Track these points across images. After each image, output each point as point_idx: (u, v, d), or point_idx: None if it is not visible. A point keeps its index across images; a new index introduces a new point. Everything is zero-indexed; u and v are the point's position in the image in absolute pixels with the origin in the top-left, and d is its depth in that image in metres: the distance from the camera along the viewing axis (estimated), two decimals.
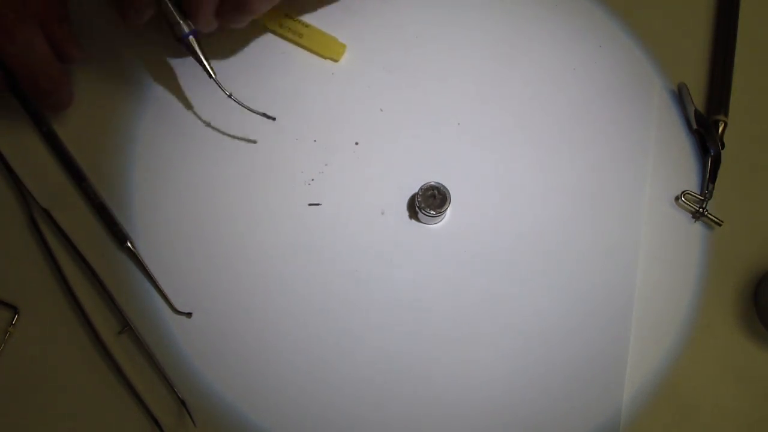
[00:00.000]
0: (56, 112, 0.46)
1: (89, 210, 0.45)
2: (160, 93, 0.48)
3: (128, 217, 0.45)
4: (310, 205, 0.45)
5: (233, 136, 0.47)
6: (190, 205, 0.45)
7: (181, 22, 0.42)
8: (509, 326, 0.43)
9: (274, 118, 0.45)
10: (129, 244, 0.44)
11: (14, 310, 0.43)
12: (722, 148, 0.46)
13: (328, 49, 0.48)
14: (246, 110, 0.44)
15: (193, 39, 0.43)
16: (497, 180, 0.46)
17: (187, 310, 0.43)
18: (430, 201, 0.44)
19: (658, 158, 0.47)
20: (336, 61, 0.49)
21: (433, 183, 0.44)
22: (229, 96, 0.44)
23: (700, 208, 0.45)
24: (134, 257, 0.44)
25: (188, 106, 0.47)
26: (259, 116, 0.44)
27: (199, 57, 0.43)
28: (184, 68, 0.48)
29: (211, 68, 0.43)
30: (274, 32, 0.49)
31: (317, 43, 0.48)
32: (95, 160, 0.46)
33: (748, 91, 0.49)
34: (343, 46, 0.49)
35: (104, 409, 0.42)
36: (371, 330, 0.43)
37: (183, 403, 0.41)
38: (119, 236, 0.44)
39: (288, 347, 0.43)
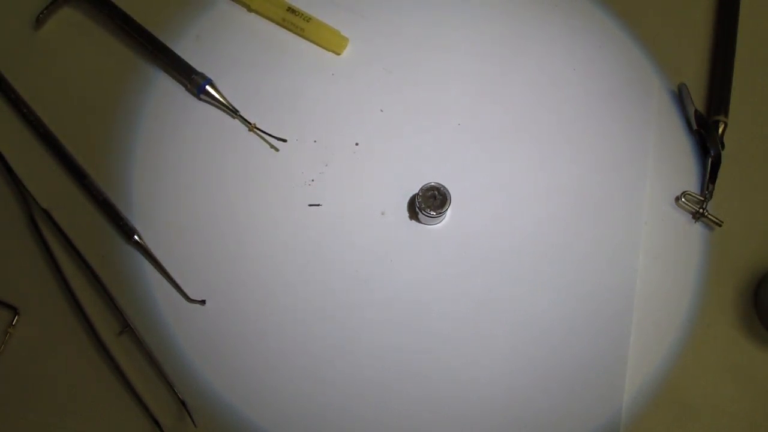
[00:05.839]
0: None
1: (91, 208, 0.45)
2: (159, 91, 0.48)
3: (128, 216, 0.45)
4: (310, 205, 0.45)
5: (233, 137, 0.47)
6: (191, 207, 0.45)
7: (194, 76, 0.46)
8: (509, 326, 0.43)
9: (285, 140, 0.46)
10: (137, 238, 0.44)
11: (14, 310, 0.43)
12: (722, 149, 0.46)
13: (330, 41, 0.48)
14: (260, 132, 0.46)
15: (210, 86, 0.46)
16: (497, 180, 0.46)
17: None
18: (430, 201, 0.43)
19: (658, 159, 0.47)
20: (338, 54, 0.49)
21: (433, 183, 0.43)
22: (254, 127, 0.46)
23: (700, 208, 0.45)
24: (143, 250, 0.44)
25: (187, 106, 0.47)
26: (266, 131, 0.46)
27: (219, 100, 0.46)
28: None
29: (233, 107, 0.46)
30: (276, 23, 0.49)
31: (320, 35, 0.49)
32: (94, 159, 0.46)
33: (748, 91, 0.49)
34: (345, 39, 0.49)
35: (104, 409, 0.42)
36: (371, 330, 0.43)
37: (183, 403, 0.41)
38: (126, 230, 0.44)
39: (288, 347, 0.42)
